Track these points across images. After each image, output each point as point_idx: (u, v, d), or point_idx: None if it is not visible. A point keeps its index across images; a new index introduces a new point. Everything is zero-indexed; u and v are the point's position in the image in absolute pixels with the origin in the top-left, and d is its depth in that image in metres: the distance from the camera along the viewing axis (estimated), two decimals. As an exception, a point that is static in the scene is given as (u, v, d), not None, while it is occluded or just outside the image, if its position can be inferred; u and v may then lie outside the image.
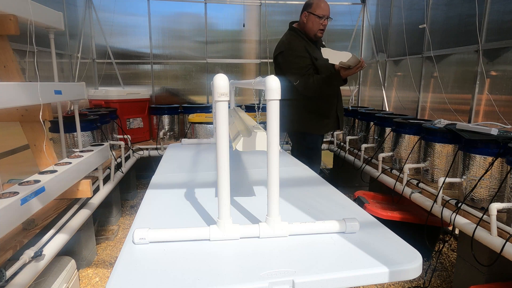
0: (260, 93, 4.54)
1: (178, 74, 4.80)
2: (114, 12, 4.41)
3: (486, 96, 2.71)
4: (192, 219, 1.16)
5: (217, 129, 0.92)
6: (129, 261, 0.89)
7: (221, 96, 0.90)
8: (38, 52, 1.80)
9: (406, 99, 3.88)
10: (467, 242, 1.88)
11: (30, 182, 1.63)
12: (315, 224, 1.03)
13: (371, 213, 2.10)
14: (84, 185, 2.10)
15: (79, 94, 2.27)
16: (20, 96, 1.58)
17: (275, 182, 0.97)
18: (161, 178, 1.66)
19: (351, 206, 1.30)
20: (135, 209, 3.62)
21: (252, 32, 4.80)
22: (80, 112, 2.81)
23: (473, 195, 1.99)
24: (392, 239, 1.01)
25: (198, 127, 3.78)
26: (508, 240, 1.61)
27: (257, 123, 1.40)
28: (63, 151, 2.42)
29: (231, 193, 0.98)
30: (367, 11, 4.77)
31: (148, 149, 3.91)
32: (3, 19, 1.78)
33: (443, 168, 2.37)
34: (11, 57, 1.89)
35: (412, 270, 0.87)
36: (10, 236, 1.60)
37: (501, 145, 1.87)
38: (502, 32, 2.55)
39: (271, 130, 0.94)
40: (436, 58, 3.28)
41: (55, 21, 2.16)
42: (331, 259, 0.90)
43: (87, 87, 4.21)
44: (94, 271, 2.46)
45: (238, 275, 0.83)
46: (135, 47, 4.61)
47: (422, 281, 2.35)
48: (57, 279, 1.73)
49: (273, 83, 0.93)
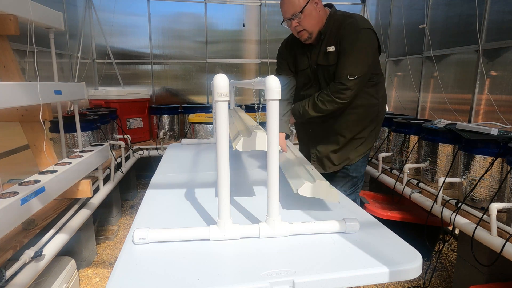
0: (260, 93, 4.54)
1: (178, 74, 4.80)
2: (114, 12, 4.41)
3: (486, 96, 2.71)
4: (192, 219, 1.16)
5: (217, 129, 0.92)
6: (129, 261, 0.89)
7: (221, 96, 0.90)
8: (38, 52, 1.80)
9: (406, 99, 3.88)
10: (467, 242, 1.88)
11: (30, 182, 1.62)
12: (315, 224, 1.03)
13: (371, 213, 2.10)
14: (84, 185, 2.10)
15: (79, 94, 2.27)
16: (20, 96, 1.58)
17: (275, 182, 0.97)
18: (161, 178, 1.66)
19: (351, 206, 1.30)
20: (135, 209, 3.61)
21: (252, 32, 4.80)
22: (80, 112, 2.81)
23: (473, 195, 1.99)
24: (392, 239, 1.01)
25: (198, 127, 3.78)
26: (508, 240, 1.61)
27: (257, 123, 1.40)
28: (63, 151, 2.42)
29: (231, 193, 0.98)
30: (367, 11, 4.77)
31: (148, 149, 3.91)
32: (3, 19, 1.78)
33: (443, 168, 2.37)
34: (11, 57, 1.89)
35: (412, 270, 0.87)
36: (10, 236, 1.60)
37: (501, 145, 1.87)
38: (502, 32, 2.55)
39: (271, 130, 0.94)
40: (436, 58, 3.28)
41: (55, 21, 2.15)
42: (331, 259, 0.90)
43: (87, 87, 4.21)
44: (94, 271, 2.46)
45: (238, 275, 0.83)
46: (135, 47, 4.61)
47: (422, 281, 2.35)
48: (57, 279, 1.73)
49: (273, 83, 0.93)
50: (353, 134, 1.87)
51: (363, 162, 1.96)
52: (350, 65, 1.66)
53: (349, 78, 1.66)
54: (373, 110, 1.86)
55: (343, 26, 1.70)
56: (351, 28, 1.68)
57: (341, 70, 1.69)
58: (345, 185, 1.96)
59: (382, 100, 1.89)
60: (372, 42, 1.71)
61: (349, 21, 1.70)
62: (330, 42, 1.73)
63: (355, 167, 1.92)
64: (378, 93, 1.85)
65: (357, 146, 1.89)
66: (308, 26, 1.73)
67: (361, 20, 1.72)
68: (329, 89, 1.73)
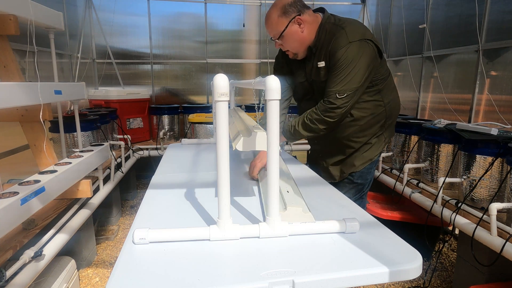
0: (260, 93, 4.54)
1: (178, 74, 4.80)
2: (114, 12, 4.41)
3: (486, 96, 2.71)
4: (192, 219, 1.16)
5: (217, 129, 0.92)
6: (129, 261, 0.89)
7: (221, 96, 0.90)
8: (38, 52, 1.80)
9: (406, 99, 3.88)
10: (467, 242, 1.88)
11: (30, 182, 1.63)
12: (315, 224, 1.03)
13: (371, 213, 2.10)
14: (84, 185, 2.10)
15: (79, 94, 2.27)
16: (20, 96, 1.58)
17: (275, 182, 0.97)
18: (161, 178, 1.66)
19: (351, 206, 1.30)
20: (135, 209, 3.62)
21: (252, 32, 4.80)
22: (80, 112, 2.81)
23: (473, 195, 1.99)
24: (392, 239, 1.01)
25: (198, 127, 3.78)
26: (508, 240, 1.61)
27: (257, 123, 1.40)
28: (63, 151, 2.42)
29: (231, 193, 0.98)
30: (367, 11, 4.77)
31: (148, 149, 3.91)
32: (3, 19, 1.78)
33: (443, 168, 2.37)
34: (11, 57, 1.89)
35: (412, 270, 0.86)
36: (10, 236, 1.60)
37: (501, 145, 1.87)
38: (502, 32, 2.55)
39: (271, 130, 0.94)
40: (436, 58, 3.28)
41: (55, 21, 2.15)
42: (331, 259, 0.90)
43: (87, 87, 4.21)
44: (94, 271, 2.46)
45: (238, 275, 0.83)
46: (135, 47, 4.61)
47: (422, 281, 2.35)
48: (57, 279, 1.73)
49: (273, 83, 0.93)
50: (360, 144, 1.78)
51: (369, 169, 1.85)
52: (339, 83, 1.55)
53: (338, 96, 1.56)
54: (380, 117, 1.75)
55: (333, 40, 1.58)
56: (338, 44, 1.56)
57: (329, 88, 1.59)
58: (349, 192, 1.87)
59: (391, 104, 1.76)
60: (365, 53, 1.56)
61: (338, 35, 1.57)
62: (320, 57, 1.65)
63: (360, 174, 1.83)
64: (384, 98, 1.73)
65: (363, 152, 1.80)
66: (291, 48, 1.68)
67: (351, 31, 1.58)
68: (318, 107, 1.62)
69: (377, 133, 1.79)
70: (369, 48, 1.57)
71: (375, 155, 1.81)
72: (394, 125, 1.87)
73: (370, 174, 1.87)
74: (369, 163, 1.81)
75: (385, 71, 1.73)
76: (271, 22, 1.62)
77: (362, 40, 1.56)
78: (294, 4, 1.59)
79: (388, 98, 1.75)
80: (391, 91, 1.77)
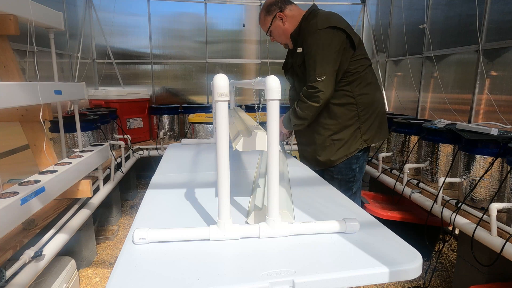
0: (260, 93, 4.54)
1: (178, 74, 4.80)
2: (114, 12, 4.41)
3: (486, 96, 2.71)
4: (192, 219, 1.16)
5: (217, 129, 0.92)
6: (129, 261, 0.89)
7: (221, 96, 0.90)
8: (38, 52, 1.80)
9: (406, 99, 3.88)
10: (467, 242, 1.88)
11: (30, 182, 1.63)
12: (315, 224, 1.03)
13: (371, 213, 2.10)
14: (84, 185, 2.10)
15: (79, 94, 2.27)
16: (20, 96, 1.58)
17: (275, 182, 0.97)
18: (161, 178, 1.66)
19: (351, 206, 1.30)
20: (135, 209, 3.62)
21: (252, 32, 4.80)
22: (80, 112, 2.81)
23: (473, 195, 1.99)
24: (392, 239, 1.01)
25: (198, 127, 3.78)
26: (508, 240, 1.61)
27: (257, 123, 1.40)
28: (63, 151, 2.42)
29: (231, 193, 0.98)
30: (367, 11, 4.77)
31: (148, 149, 3.92)
32: (3, 19, 1.78)
33: (443, 168, 2.37)
34: (11, 57, 1.89)
35: (412, 270, 0.86)
36: (10, 236, 1.60)
37: (501, 145, 1.87)
38: (502, 32, 2.55)
39: (271, 130, 0.94)
40: (436, 58, 3.28)
41: (55, 21, 2.15)
42: (331, 259, 0.90)
43: (87, 87, 4.21)
44: (94, 271, 2.46)
45: (238, 275, 0.83)
46: (135, 47, 4.61)
47: (422, 281, 2.35)
48: (57, 279, 1.73)
49: (273, 83, 0.93)
50: (329, 133, 1.84)
51: (348, 165, 1.88)
52: (315, 67, 1.70)
53: (318, 78, 1.69)
54: (350, 109, 1.81)
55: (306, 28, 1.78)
56: (309, 32, 1.74)
57: (309, 73, 1.73)
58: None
59: (363, 98, 1.81)
60: (332, 40, 1.68)
61: (310, 23, 1.75)
62: (300, 44, 1.83)
63: (339, 170, 1.89)
64: (354, 90, 1.79)
65: (339, 148, 1.85)
66: (279, 40, 1.95)
67: (321, 20, 1.72)
68: (303, 94, 1.77)
69: (349, 128, 1.83)
70: (337, 35, 1.70)
71: (350, 152, 1.86)
72: (375, 125, 1.88)
73: (352, 171, 1.91)
74: (346, 159, 1.87)
75: (360, 66, 1.80)
76: (261, 21, 1.93)
77: (330, 27, 1.69)
78: (275, 3, 1.85)
79: (360, 91, 1.81)
80: (365, 85, 1.83)
